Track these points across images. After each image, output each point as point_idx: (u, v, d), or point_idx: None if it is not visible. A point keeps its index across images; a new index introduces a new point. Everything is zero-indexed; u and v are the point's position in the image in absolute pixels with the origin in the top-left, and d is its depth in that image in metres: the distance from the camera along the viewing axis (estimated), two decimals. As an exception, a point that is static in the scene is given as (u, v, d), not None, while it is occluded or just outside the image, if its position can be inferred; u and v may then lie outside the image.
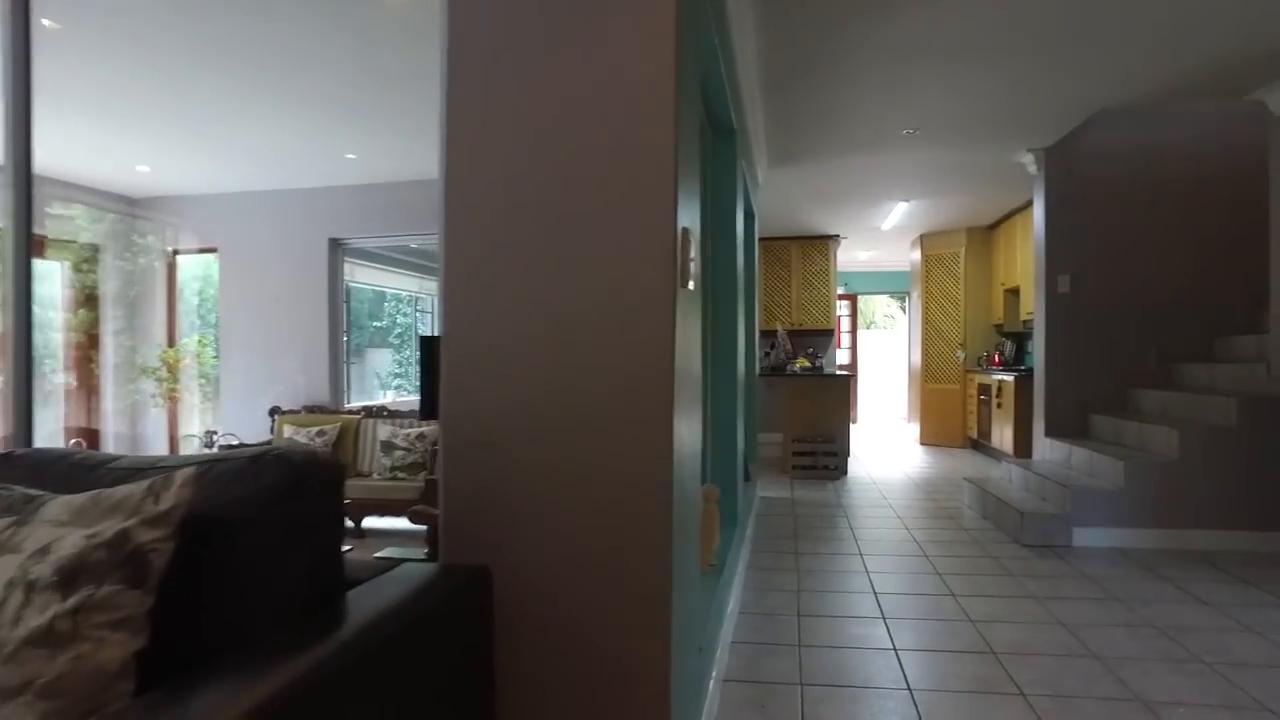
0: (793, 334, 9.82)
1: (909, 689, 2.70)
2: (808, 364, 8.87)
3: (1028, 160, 6.03)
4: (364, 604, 1.29)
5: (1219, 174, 5.72)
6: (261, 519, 1.23)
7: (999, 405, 7.88)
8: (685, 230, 1.74)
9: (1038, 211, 6.02)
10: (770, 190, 7.28)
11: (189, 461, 1.33)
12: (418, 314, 11.12)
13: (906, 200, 7.80)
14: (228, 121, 5.05)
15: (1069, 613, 3.42)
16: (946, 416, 9.44)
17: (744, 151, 4.47)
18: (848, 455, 7.42)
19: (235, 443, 6.23)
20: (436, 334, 1.78)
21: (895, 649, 3.04)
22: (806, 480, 7.05)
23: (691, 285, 1.85)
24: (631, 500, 1.63)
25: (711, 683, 2.46)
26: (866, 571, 4.09)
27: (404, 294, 10.70)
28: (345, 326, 7.10)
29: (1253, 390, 4.74)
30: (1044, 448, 5.79)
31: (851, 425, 11.07)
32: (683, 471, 1.79)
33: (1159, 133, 5.80)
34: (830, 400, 7.39)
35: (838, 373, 7.90)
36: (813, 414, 7.40)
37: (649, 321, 1.62)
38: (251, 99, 4.62)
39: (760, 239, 9.90)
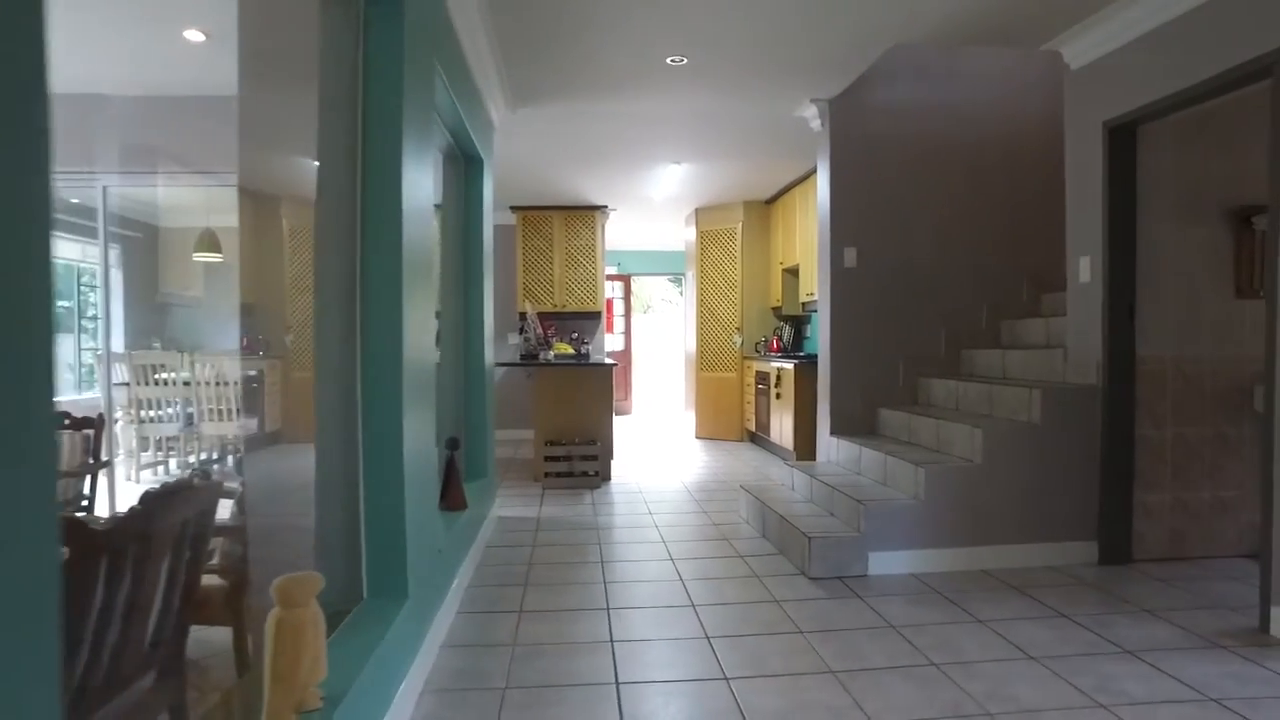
0: (557, 317, 8.62)
1: None
2: (569, 350, 7.72)
3: (810, 114, 5.18)
4: None
5: (1003, 138, 5.19)
6: None
7: (778, 396, 7.15)
8: None
9: (821, 174, 5.20)
10: (517, 141, 5.97)
11: None
12: (83, 289, 8.64)
13: (678, 163, 6.81)
14: None
15: (882, 701, 2.42)
16: (723, 407, 8.68)
17: (435, 46, 3.10)
18: (611, 457, 6.32)
19: None
20: None
21: (636, 816, 1.85)
22: (561, 490, 5.84)
23: None
24: None
25: None
26: (611, 642, 2.91)
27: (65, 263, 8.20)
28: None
29: (1054, 380, 4.14)
30: (830, 447, 4.98)
31: (615, 421, 10.10)
32: None
33: (948, 89, 5.16)
34: (590, 393, 6.25)
35: (600, 361, 6.77)
36: (570, 410, 6.21)
37: None
38: None
39: (517, 208, 8.61)
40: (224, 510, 2.11)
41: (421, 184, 2.72)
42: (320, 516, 2.41)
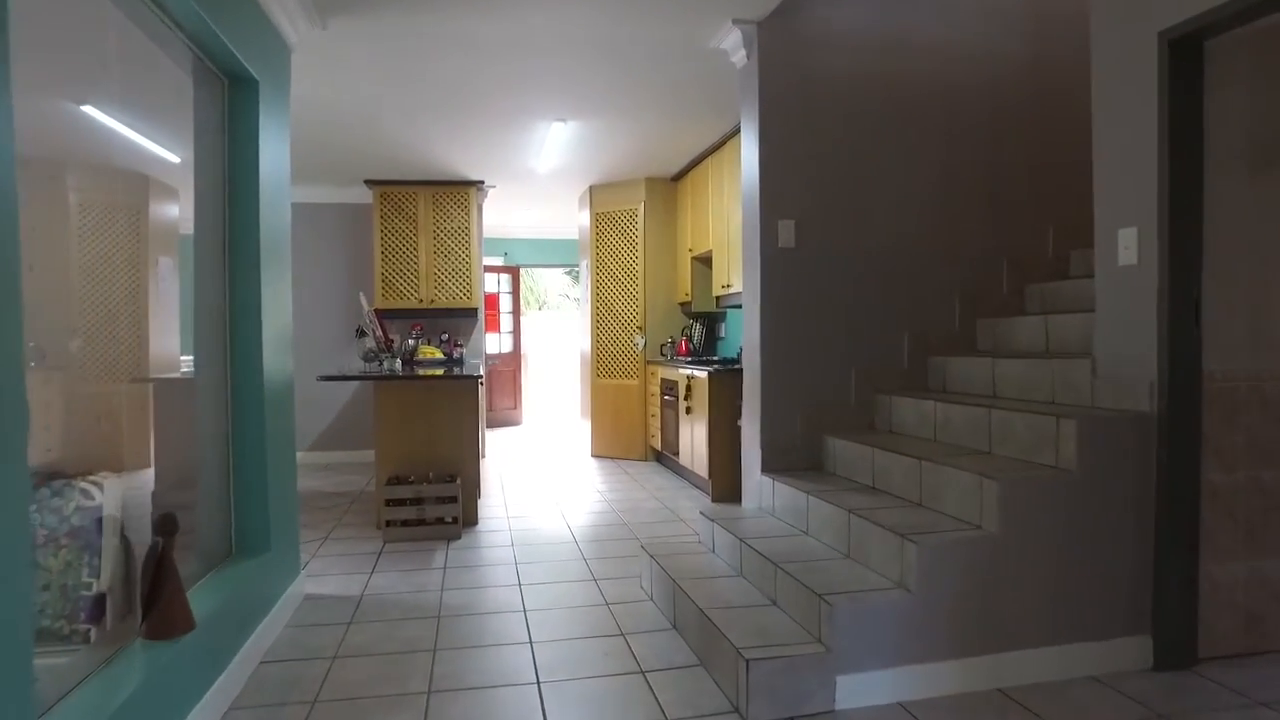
0: (424, 314, 7.10)
1: None
2: (437, 354, 6.25)
3: (732, 43, 3.88)
4: None
5: (983, 81, 4.03)
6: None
7: (688, 410, 5.86)
8: None
9: (748, 125, 3.91)
10: (352, 84, 4.45)
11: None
12: None
13: (563, 121, 5.41)
14: None
15: None
16: (624, 420, 7.33)
17: None
18: (477, 496, 4.89)
19: None
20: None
21: None
22: (406, 545, 4.36)
23: None
24: None
25: None
26: None
27: None
28: None
29: (1078, 404, 2.96)
30: (762, 489, 3.70)
31: (502, 434, 8.64)
32: None
33: (914, 13, 3.95)
34: (449, 414, 4.79)
35: (465, 371, 5.28)
36: (421, 436, 4.74)
37: None
38: None
39: (373, 181, 7.04)
40: None
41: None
42: None
